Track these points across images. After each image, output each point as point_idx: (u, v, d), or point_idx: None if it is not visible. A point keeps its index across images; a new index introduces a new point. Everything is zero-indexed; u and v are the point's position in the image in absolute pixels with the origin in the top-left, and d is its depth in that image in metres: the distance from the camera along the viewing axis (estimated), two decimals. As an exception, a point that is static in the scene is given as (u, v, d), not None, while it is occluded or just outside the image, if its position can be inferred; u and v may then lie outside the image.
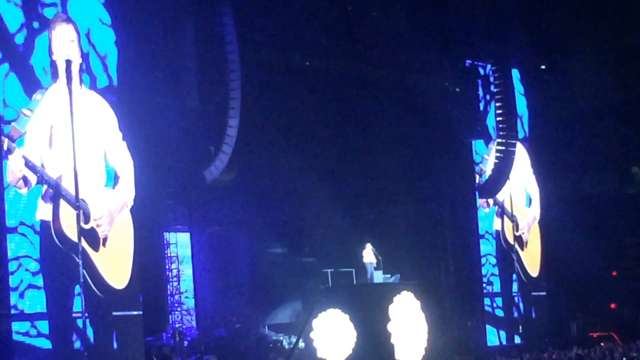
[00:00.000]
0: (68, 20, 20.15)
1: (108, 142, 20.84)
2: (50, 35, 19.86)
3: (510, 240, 30.30)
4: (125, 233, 20.87)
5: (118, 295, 20.47)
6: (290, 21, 26.18)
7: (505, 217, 30.32)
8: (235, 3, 23.71)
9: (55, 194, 19.40)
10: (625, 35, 32.71)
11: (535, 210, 31.73)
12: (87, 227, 19.80)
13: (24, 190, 19.20)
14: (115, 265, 20.44)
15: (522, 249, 30.79)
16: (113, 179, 20.88)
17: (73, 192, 18.38)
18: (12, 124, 19.02)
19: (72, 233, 19.21)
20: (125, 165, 21.11)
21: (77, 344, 19.48)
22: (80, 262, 18.41)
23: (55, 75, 19.86)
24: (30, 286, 19.18)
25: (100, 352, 19.96)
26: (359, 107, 28.00)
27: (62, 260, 19.38)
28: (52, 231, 19.36)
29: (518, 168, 30.67)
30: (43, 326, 19.26)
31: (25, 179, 19.12)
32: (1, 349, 18.74)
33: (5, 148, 18.67)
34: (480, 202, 29.86)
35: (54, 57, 19.86)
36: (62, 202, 19.43)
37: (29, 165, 18.98)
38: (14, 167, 18.92)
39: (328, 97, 27.11)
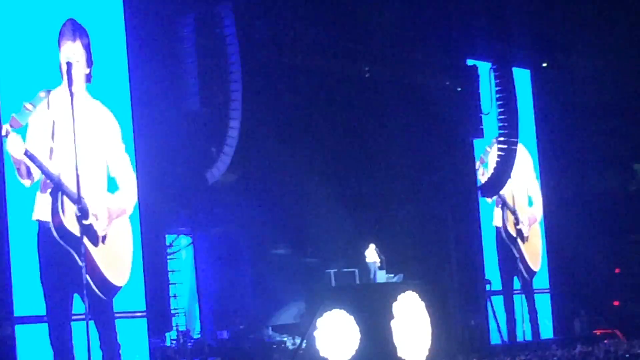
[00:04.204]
0: (77, 36, 20.25)
1: (110, 154, 20.90)
2: (59, 45, 20.03)
3: (512, 232, 30.42)
4: (124, 234, 20.93)
5: (120, 295, 20.51)
6: (291, 21, 26.17)
7: (506, 211, 30.39)
8: (236, 4, 23.70)
9: (56, 187, 19.45)
10: (628, 33, 32.69)
11: (537, 211, 31.75)
12: (86, 222, 19.85)
13: (27, 182, 19.26)
14: (114, 262, 20.50)
15: (523, 242, 30.86)
16: (115, 188, 20.97)
17: (73, 189, 18.56)
18: (13, 114, 19.13)
19: (72, 228, 19.31)
20: (126, 177, 21.15)
21: (80, 347, 19.47)
22: (84, 265, 18.52)
23: (60, 79, 20.00)
24: (32, 288, 19.17)
25: (104, 355, 19.99)
26: (361, 107, 27.98)
27: (62, 261, 19.48)
28: (52, 226, 19.41)
29: (520, 170, 30.73)
30: (46, 329, 19.26)
31: (28, 170, 19.20)
32: (5, 353, 18.73)
33: (3, 134, 18.79)
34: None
35: (61, 65, 20.02)
36: (62, 198, 19.50)
37: (27, 154, 19.09)
38: (13, 149, 18.98)
39: (330, 97, 27.09)
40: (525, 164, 31.51)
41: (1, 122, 18.95)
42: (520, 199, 30.95)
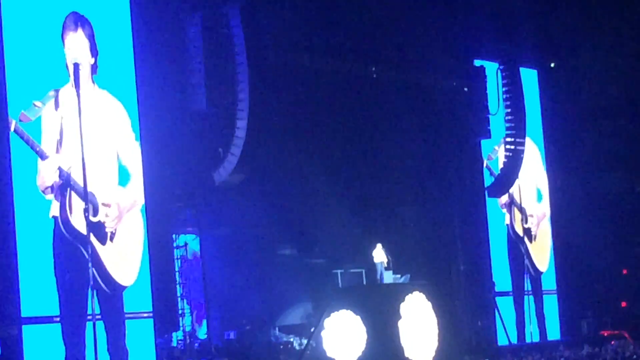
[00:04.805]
0: (78, 25, 20.31)
1: (120, 142, 20.98)
2: (63, 39, 20.12)
3: (520, 232, 30.39)
4: (134, 231, 21.00)
5: (127, 295, 20.52)
6: (298, 22, 26.17)
7: (514, 210, 30.37)
8: (243, 5, 23.71)
9: (64, 184, 19.51)
10: (634, 34, 32.66)
11: (546, 207, 31.75)
12: (94, 219, 19.88)
13: (50, 197, 19.38)
14: (121, 261, 20.54)
15: (530, 241, 30.81)
16: (127, 177, 21.02)
17: (82, 185, 18.65)
18: (23, 111, 19.27)
19: (79, 225, 19.39)
20: (137, 164, 21.23)
21: (89, 346, 19.49)
22: (90, 263, 18.52)
23: (68, 76, 20.12)
24: (42, 287, 19.19)
25: (111, 354, 20.01)
26: (368, 108, 27.97)
27: (74, 258, 19.56)
28: (60, 222, 19.44)
29: (529, 165, 30.71)
30: (54, 328, 19.28)
31: (52, 187, 19.36)
32: (11, 353, 18.74)
33: (12, 129, 18.90)
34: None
35: (67, 62, 20.13)
36: (71, 195, 19.59)
37: (36, 150, 19.22)
38: (46, 175, 19.28)
39: (336, 98, 27.08)
40: (534, 157, 31.49)
41: (9, 117, 19.11)
42: (528, 195, 30.95)
